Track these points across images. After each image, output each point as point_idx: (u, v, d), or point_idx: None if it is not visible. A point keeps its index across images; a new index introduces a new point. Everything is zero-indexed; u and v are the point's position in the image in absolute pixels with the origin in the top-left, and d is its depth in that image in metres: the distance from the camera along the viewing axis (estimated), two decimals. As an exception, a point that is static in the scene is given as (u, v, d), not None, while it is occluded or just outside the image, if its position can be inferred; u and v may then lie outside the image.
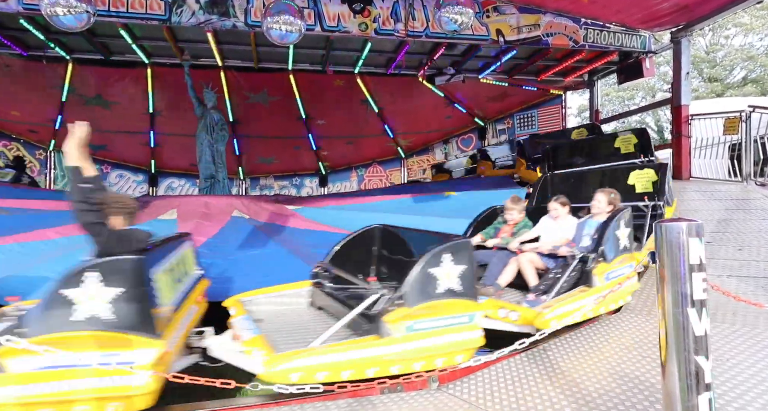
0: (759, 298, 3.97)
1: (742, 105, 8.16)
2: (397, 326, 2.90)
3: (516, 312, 3.55)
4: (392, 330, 2.88)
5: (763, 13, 25.16)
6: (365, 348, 2.85)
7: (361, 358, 2.82)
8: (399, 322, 2.91)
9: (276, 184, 17.20)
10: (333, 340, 2.92)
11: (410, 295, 2.95)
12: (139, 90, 12.63)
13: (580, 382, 2.89)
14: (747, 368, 2.85)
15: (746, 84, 26.08)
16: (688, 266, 1.88)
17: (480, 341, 3.16)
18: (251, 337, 3.02)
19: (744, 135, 7.70)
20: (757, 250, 5.06)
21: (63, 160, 14.30)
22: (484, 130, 15.53)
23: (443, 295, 3.06)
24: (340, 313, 3.36)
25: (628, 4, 8.44)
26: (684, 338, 1.87)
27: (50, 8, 6.18)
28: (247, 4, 7.59)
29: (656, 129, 28.52)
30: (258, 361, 2.75)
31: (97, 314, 2.48)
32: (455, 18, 7.17)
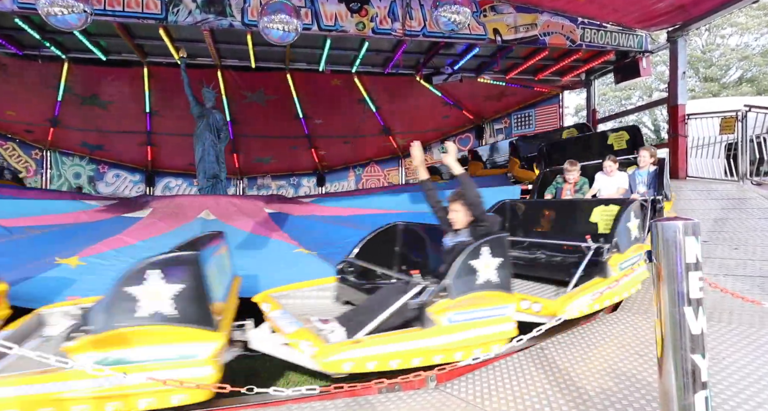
0: (755, 296, 3.98)
1: (738, 105, 8.20)
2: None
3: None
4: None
5: (759, 12, 25.26)
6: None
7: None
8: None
9: (273, 183, 17.18)
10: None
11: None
12: (135, 89, 12.60)
13: (577, 380, 2.90)
14: (743, 367, 2.86)
15: (742, 84, 26.19)
16: (685, 265, 1.89)
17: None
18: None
19: (740, 134, 7.73)
20: (753, 249, 5.08)
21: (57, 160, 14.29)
22: (481, 129, 15.55)
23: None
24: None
25: (624, 3, 8.46)
26: (680, 337, 1.88)
27: (48, 8, 6.16)
28: (244, 3, 7.57)
29: (653, 128, 28.61)
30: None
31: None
32: (452, 17, 7.18)
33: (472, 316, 3.14)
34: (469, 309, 3.12)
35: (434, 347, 3.00)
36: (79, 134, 13.88)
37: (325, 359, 2.77)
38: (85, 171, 14.79)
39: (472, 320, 3.14)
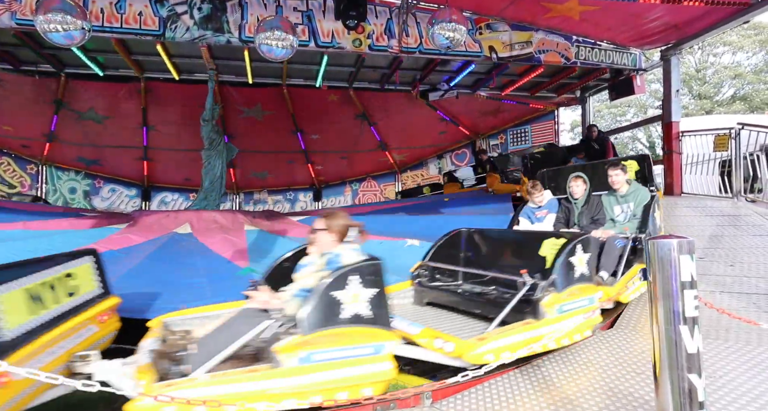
0: (751, 314, 3.96)
1: (731, 122, 8.27)
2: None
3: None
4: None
5: (750, 32, 25.68)
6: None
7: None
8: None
9: (270, 198, 17.16)
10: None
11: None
12: (132, 104, 12.63)
13: (573, 398, 2.86)
14: (740, 385, 2.83)
15: (735, 101, 26.49)
16: (680, 283, 1.88)
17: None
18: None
19: (734, 152, 7.78)
20: (749, 266, 5.07)
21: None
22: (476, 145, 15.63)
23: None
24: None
25: (618, 22, 8.59)
26: (676, 356, 1.86)
27: (45, 25, 6.19)
28: (242, 19, 7.65)
29: (648, 145, 28.83)
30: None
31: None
32: (448, 35, 7.24)
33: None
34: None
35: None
36: (75, 149, 13.87)
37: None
38: (80, 185, 14.74)
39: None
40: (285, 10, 7.81)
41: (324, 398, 2.69)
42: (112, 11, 7.18)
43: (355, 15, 7.45)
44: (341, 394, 2.71)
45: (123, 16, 7.23)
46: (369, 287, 2.88)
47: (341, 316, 2.81)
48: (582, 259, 3.73)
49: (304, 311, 2.71)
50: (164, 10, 7.34)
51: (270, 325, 2.85)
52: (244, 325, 2.88)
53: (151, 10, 7.31)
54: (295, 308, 2.83)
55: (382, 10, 8.25)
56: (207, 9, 7.48)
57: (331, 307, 2.78)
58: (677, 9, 7.65)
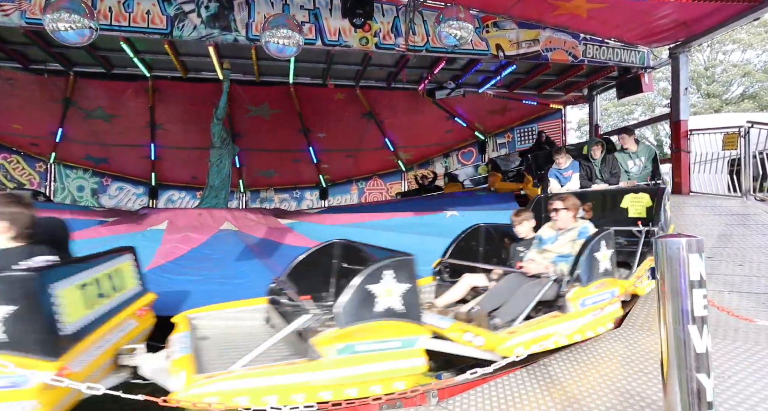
0: (760, 314, 3.93)
1: (739, 120, 8.20)
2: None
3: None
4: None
5: (760, 29, 25.42)
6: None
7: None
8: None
9: (276, 196, 17.22)
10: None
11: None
12: (140, 103, 12.69)
13: (581, 397, 2.85)
14: (749, 386, 2.81)
15: (744, 99, 26.26)
16: (689, 282, 1.87)
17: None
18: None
19: (743, 150, 7.72)
20: (758, 265, 5.03)
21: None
22: (484, 143, 15.59)
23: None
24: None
25: (626, 20, 8.52)
26: (685, 355, 1.85)
27: (53, 24, 6.23)
28: (249, 18, 7.66)
29: (656, 143, 28.65)
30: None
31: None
32: (455, 33, 7.22)
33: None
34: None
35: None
36: (83, 147, 13.97)
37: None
38: (88, 184, 14.86)
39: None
40: (292, 8, 7.81)
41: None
42: (120, 10, 7.22)
43: (362, 13, 7.45)
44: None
45: (131, 14, 7.27)
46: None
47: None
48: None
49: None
50: (172, 9, 7.37)
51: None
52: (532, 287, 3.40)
53: (159, 9, 7.34)
54: (567, 268, 3.71)
55: (389, 8, 8.24)
56: (214, 7, 7.50)
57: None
58: (686, 6, 7.58)
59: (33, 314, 2.34)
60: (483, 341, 3.14)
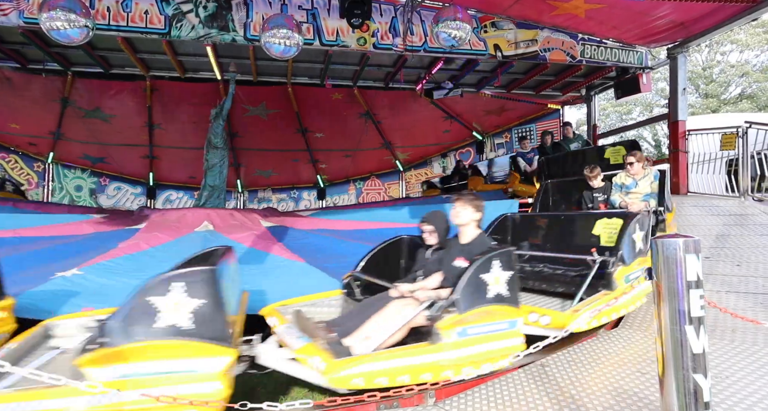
0: (758, 314, 3.94)
1: (737, 121, 8.21)
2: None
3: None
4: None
5: (759, 30, 25.48)
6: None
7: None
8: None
9: (274, 196, 17.20)
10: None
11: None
12: (138, 103, 12.67)
13: (578, 398, 2.86)
14: (746, 386, 2.82)
15: (742, 100, 26.32)
16: (686, 283, 1.87)
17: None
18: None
19: (741, 150, 7.73)
20: (755, 265, 5.04)
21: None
22: (482, 143, 15.59)
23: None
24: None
25: (624, 20, 8.53)
26: (682, 356, 1.85)
27: (49, 22, 6.21)
28: (247, 18, 7.65)
29: (654, 144, 28.70)
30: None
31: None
32: (453, 33, 7.22)
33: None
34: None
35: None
36: (82, 147, 13.95)
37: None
38: (86, 183, 14.83)
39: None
40: (290, 9, 7.81)
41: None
42: (118, 10, 7.20)
43: (360, 13, 7.44)
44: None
45: (129, 14, 7.25)
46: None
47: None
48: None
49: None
50: (170, 9, 7.35)
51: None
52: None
53: (157, 9, 7.33)
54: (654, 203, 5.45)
55: (387, 8, 8.24)
56: (212, 7, 7.49)
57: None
58: (684, 7, 7.59)
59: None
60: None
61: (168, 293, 2.52)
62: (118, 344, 2.46)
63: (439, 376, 2.91)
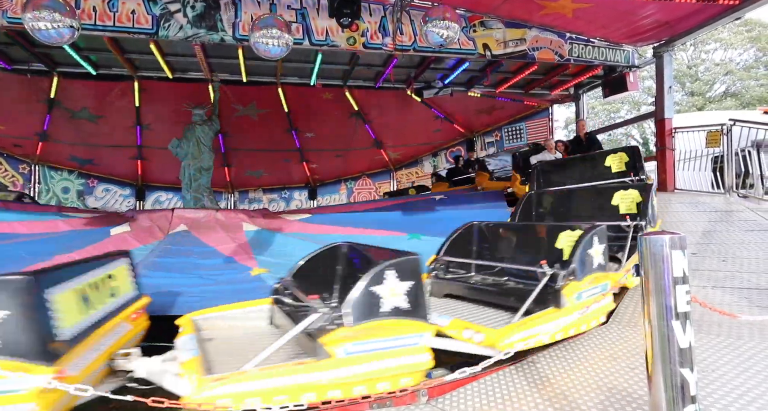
0: (743, 308, 4.01)
1: (722, 118, 8.33)
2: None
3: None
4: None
5: (742, 29, 25.84)
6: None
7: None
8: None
9: (265, 197, 17.16)
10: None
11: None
12: (125, 103, 12.58)
13: (569, 394, 2.89)
14: (732, 379, 2.87)
15: (726, 97, 26.67)
16: (672, 279, 1.90)
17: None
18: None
19: (726, 148, 7.85)
20: (741, 261, 5.12)
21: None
22: (472, 142, 15.66)
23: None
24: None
25: (611, 19, 8.62)
26: (669, 351, 1.88)
27: (33, 22, 6.15)
28: (235, 18, 7.62)
29: (642, 141, 28.96)
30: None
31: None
32: (442, 32, 7.26)
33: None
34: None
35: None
36: (69, 148, 13.82)
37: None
38: (74, 185, 14.69)
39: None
40: (279, 8, 7.79)
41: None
42: (105, 9, 7.14)
43: (349, 13, 7.45)
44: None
45: (116, 14, 7.19)
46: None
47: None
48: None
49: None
50: (157, 9, 7.31)
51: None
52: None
53: (144, 9, 7.28)
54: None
55: (376, 7, 8.25)
56: (200, 7, 7.45)
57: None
58: (669, 6, 7.69)
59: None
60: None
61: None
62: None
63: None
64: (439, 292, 4.57)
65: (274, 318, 3.85)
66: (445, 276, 4.64)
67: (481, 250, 4.91)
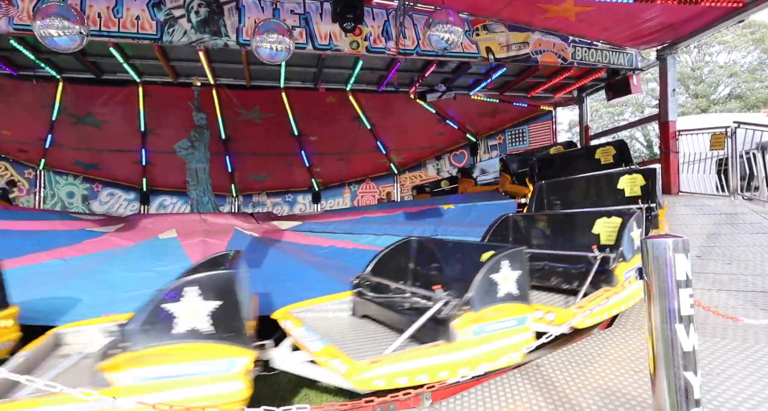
0: (748, 311, 3.99)
1: (726, 120, 8.30)
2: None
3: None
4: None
5: (746, 31, 25.77)
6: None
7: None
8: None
9: (269, 201, 17.19)
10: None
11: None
12: (130, 108, 12.65)
13: (572, 397, 2.88)
14: (736, 383, 2.85)
15: (730, 100, 26.59)
16: (675, 282, 1.90)
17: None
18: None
19: (730, 150, 7.82)
20: (746, 264, 5.10)
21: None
22: (476, 146, 15.66)
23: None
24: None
25: (614, 22, 8.62)
26: (672, 354, 1.88)
27: (44, 30, 6.19)
28: (239, 23, 7.66)
29: (646, 144, 28.90)
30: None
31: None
32: (445, 36, 7.27)
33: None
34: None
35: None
36: (73, 153, 13.90)
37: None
38: (79, 190, 14.77)
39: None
40: (282, 13, 7.83)
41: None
42: (110, 16, 7.19)
43: (352, 17, 7.47)
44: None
45: (120, 20, 7.24)
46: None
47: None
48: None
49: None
50: (161, 14, 7.35)
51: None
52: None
53: (149, 14, 7.32)
54: None
55: (379, 12, 8.28)
56: (204, 13, 7.50)
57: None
58: (672, 9, 7.69)
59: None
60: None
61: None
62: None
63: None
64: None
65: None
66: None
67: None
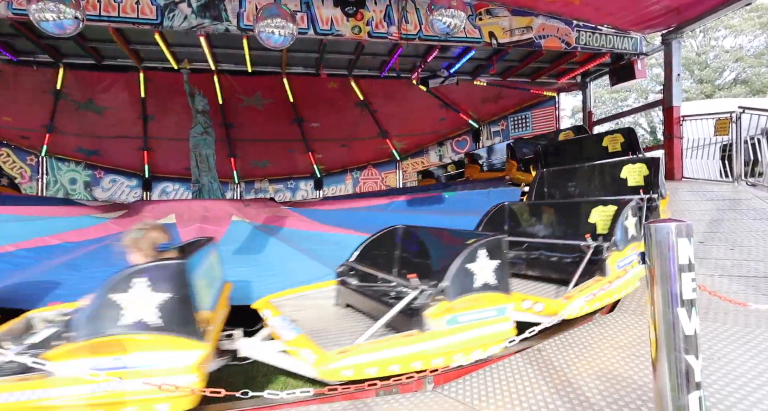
0: (749, 297, 4.00)
1: (731, 106, 8.24)
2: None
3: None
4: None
5: (752, 14, 25.43)
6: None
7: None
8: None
9: (271, 187, 17.18)
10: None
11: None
12: (131, 94, 12.61)
13: (574, 381, 2.91)
14: (737, 367, 2.87)
15: (736, 85, 26.34)
16: (678, 266, 1.90)
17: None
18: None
19: (734, 136, 7.77)
20: (749, 249, 5.10)
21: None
22: (478, 131, 15.58)
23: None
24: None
25: (619, 6, 8.51)
26: (674, 338, 1.88)
27: (38, 14, 6.15)
28: (240, 7, 7.59)
29: (649, 130, 28.72)
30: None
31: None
32: (448, 21, 7.20)
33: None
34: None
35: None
36: (75, 140, 13.88)
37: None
38: (81, 176, 14.77)
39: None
40: (283, -2, 7.76)
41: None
42: (109, 0, 7.13)
43: (354, 2, 7.42)
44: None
45: (120, 4, 7.19)
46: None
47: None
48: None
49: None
50: (162, -1, 7.30)
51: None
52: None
53: (149, -1, 7.27)
54: None
55: (381, -4, 8.19)
56: (205, -3, 7.43)
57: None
58: (678, -8, 7.59)
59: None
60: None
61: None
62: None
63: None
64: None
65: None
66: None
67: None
